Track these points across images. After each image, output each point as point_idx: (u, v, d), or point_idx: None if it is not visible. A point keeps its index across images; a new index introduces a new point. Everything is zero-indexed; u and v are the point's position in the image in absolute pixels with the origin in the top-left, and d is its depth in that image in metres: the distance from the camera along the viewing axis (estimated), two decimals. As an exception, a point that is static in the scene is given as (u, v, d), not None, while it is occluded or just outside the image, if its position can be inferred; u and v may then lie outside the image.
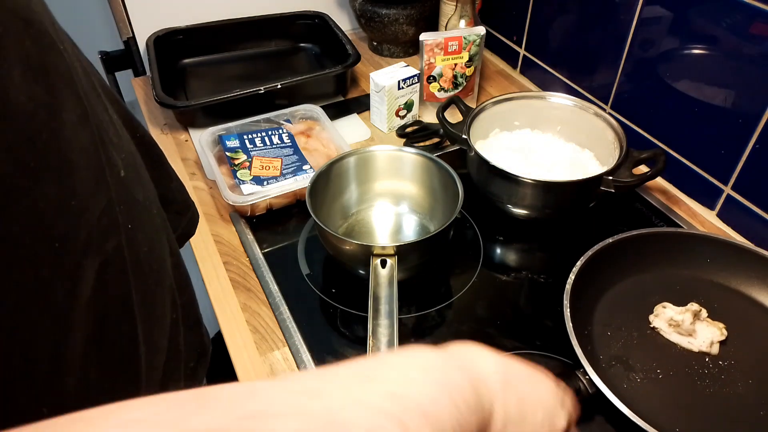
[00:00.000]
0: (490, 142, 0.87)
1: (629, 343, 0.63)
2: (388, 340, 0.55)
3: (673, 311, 0.64)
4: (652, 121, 0.87)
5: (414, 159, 0.77)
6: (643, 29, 0.83)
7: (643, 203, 0.84)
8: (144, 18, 1.09)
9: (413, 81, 0.94)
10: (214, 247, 0.77)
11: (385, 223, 0.79)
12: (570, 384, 0.55)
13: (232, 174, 0.83)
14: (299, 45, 1.20)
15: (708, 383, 0.59)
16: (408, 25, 1.12)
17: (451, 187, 0.71)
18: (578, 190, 0.73)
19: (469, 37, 0.92)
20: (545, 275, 0.73)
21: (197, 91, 1.07)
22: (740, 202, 0.77)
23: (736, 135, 0.74)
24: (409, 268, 0.67)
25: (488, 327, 0.67)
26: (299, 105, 0.96)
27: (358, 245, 0.65)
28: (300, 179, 0.82)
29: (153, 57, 1.02)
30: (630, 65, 0.87)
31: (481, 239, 0.79)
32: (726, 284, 0.69)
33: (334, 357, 0.64)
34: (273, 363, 0.64)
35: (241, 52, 1.16)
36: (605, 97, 0.94)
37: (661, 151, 0.75)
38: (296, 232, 0.80)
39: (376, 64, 1.18)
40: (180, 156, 0.94)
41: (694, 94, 0.78)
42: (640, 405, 0.56)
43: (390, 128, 0.98)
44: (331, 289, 0.71)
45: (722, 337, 0.63)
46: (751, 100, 0.71)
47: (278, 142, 0.89)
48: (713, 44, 0.74)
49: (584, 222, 0.81)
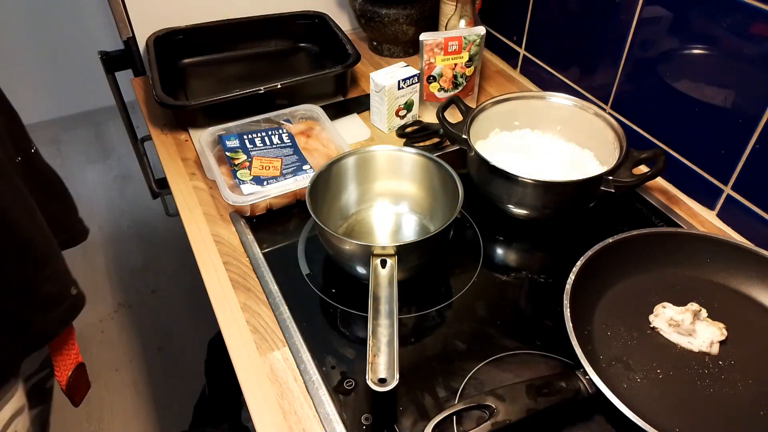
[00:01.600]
0: (490, 142, 0.87)
1: (629, 343, 0.63)
2: (388, 340, 0.55)
3: (673, 311, 0.64)
4: (652, 121, 0.87)
5: (414, 159, 0.77)
6: (643, 29, 0.83)
7: (643, 203, 0.84)
8: (144, 18, 1.09)
9: (413, 81, 0.94)
10: (214, 247, 0.77)
11: (385, 223, 0.79)
12: (570, 384, 0.55)
13: (232, 174, 0.83)
14: (299, 45, 1.20)
15: (708, 383, 0.59)
16: (408, 25, 1.12)
17: (451, 187, 0.71)
18: (578, 190, 0.73)
19: (469, 37, 0.92)
20: (545, 275, 0.73)
21: (197, 91, 1.07)
22: (740, 202, 0.77)
23: (736, 135, 0.74)
24: (409, 268, 0.67)
25: (488, 327, 0.67)
26: (299, 105, 0.96)
27: (358, 245, 0.65)
28: (300, 179, 0.82)
29: (153, 57, 1.02)
30: (630, 65, 0.87)
31: (481, 239, 0.79)
32: (726, 284, 0.69)
33: (334, 357, 0.64)
34: (273, 363, 0.64)
35: (241, 52, 1.16)
36: (605, 97, 0.94)
37: (661, 151, 0.75)
38: (296, 232, 0.80)
39: (376, 64, 1.18)
40: (180, 156, 0.94)
41: (694, 94, 0.78)
42: (640, 405, 0.56)
43: (390, 128, 0.98)
44: (331, 289, 0.71)
45: (722, 337, 0.63)
46: (751, 100, 0.71)
47: (278, 142, 0.89)
48: (713, 44, 0.74)
49: (584, 222, 0.81)
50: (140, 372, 1.60)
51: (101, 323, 1.74)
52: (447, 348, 0.65)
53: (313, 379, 0.61)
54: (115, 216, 2.10)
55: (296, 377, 0.62)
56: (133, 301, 1.81)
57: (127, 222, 2.08)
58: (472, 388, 0.60)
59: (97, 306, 1.78)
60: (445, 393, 0.60)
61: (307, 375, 0.62)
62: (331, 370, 0.62)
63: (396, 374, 0.52)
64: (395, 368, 0.52)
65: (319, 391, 0.60)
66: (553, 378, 0.56)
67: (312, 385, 0.61)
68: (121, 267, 1.92)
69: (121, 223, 2.08)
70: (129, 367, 1.62)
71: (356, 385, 0.61)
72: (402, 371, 0.60)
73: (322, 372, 0.62)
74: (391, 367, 0.52)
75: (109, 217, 2.11)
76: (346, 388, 0.60)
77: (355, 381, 0.61)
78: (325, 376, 0.62)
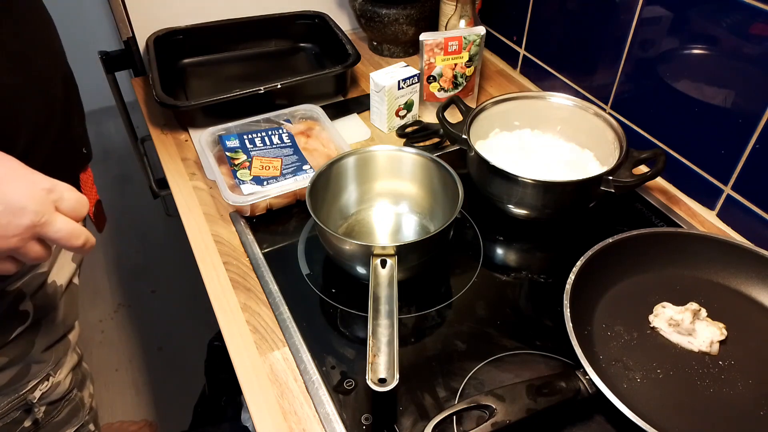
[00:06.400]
0: (490, 142, 0.87)
1: (629, 343, 0.63)
2: (388, 340, 0.55)
3: (672, 311, 0.64)
4: (652, 121, 0.87)
5: (414, 159, 0.77)
6: (643, 29, 0.83)
7: (643, 203, 0.84)
8: (144, 18, 1.09)
9: (413, 81, 0.94)
10: (214, 247, 0.78)
11: (385, 223, 0.79)
12: (570, 384, 0.55)
13: (232, 174, 0.83)
14: (299, 45, 1.20)
15: (708, 383, 0.59)
16: (408, 25, 1.12)
17: (451, 187, 0.71)
18: (578, 190, 0.73)
19: (469, 37, 0.92)
20: (545, 275, 0.73)
21: (197, 91, 1.07)
22: (740, 202, 0.77)
23: (736, 135, 0.74)
24: (409, 268, 0.67)
25: (488, 327, 0.67)
26: (299, 105, 0.96)
27: (358, 245, 0.65)
28: (300, 179, 0.82)
29: (153, 57, 1.02)
30: (630, 65, 0.87)
31: (481, 239, 0.79)
32: (726, 284, 0.69)
33: (334, 357, 0.64)
34: (273, 363, 0.64)
35: (241, 52, 1.16)
36: (605, 97, 0.94)
37: (661, 151, 0.75)
38: (296, 232, 0.80)
39: (376, 64, 1.18)
40: (180, 156, 0.94)
41: (694, 94, 0.78)
42: (640, 405, 0.56)
43: (390, 128, 0.98)
44: (331, 289, 0.71)
45: (722, 336, 0.63)
46: (751, 100, 0.71)
47: (278, 142, 0.89)
48: (713, 44, 0.74)
49: (584, 222, 0.81)
50: (140, 372, 1.60)
51: (101, 323, 1.74)
52: (447, 348, 0.65)
53: (313, 379, 0.61)
54: (115, 216, 2.10)
55: (296, 377, 0.62)
56: (133, 301, 1.81)
57: (127, 222, 2.08)
58: (472, 388, 0.60)
59: (97, 306, 1.78)
60: (445, 393, 0.60)
61: (307, 375, 0.62)
62: (331, 370, 0.62)
63: (396, 374, 0.52)
64: (395, 368, 0.52)
65: (319, 391, 0.60)
66: (553, 378, 0.56)
67: (312, 385, 0.61)
68: (121, 267, 1.93)
69: (121, 223, 2.08)
70: (129, 367, 1.62)
71: (356, 385, 0.61)
72: (402, 371, 0.60)
73: (322, 372, 0.62)
74: (391, 367, 0.52)
75: (109, 217, 2.10)
76: (346, 388, 0.60)
77: (355, 381, 0.61)
78: (325, 376, 0.62)
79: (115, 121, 2.52)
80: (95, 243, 0.51)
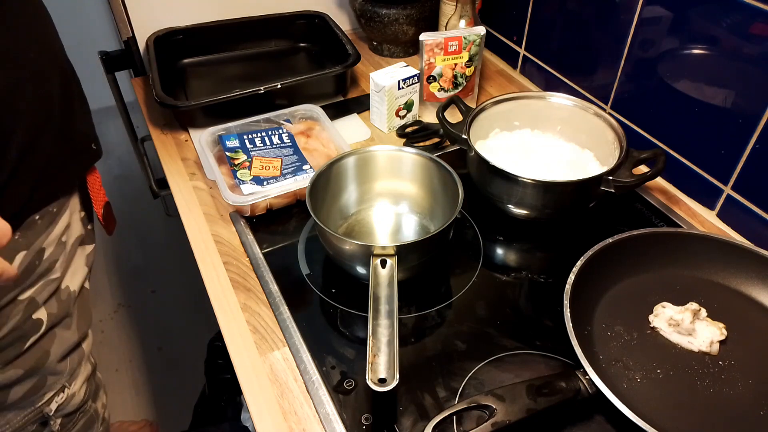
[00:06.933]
0: (490, 142, 0.87)
1: (629, 343, 0.63)
2: (388, 340, 0.55)
3: (672, 311, 0.64)
4: (652, 121, 0.87)
5: (414, 159, 0.77)
6: (643, 29, 0.83)
7: (643, 203, 0.84)
8: (144, 18, 1.09)
9: (413, 81, 0.94)
10: (214, 247, 0.78)
11: (385, 223, 0.79)
12: (570, 384, 0.55)
13: (232, 174, 0.83)
14: (299, 45, 1.20)
15: (708, 383, 0.59)
16: (408, 25, 1.12)
17: (451, 187, 0.71)
18: (578, 190, 0.73)
19: (469, 37, 0.92)
20: (545, 275, 0.73)
21: (197, 91, 1.07)
22: (740, 202, 0.77)
23: (736, 135, 0.74)
24: (409, 268, 0.67)
25: (488, 327, 0.67)
26: (299, 105, 0.96)
27: (358, 245, 0.65)
28: (300, 179, 0.82)
29: (153, 57, 1.02)
30: (630, 65, 0.87)
31: (481, 239, 0.79)
32: (726, 284, 0.69)
33: (334, 357, 0.64)
34: (273, 363, 0.64)
35: (241, 52, 1.16)
36: (605, 97, 0.94)
37: (661, 151, 0.75)
38: (296, 232, 0.80)
39: (376, 64, 1.18)
40: (180, 156, 0.94)
41: (694, 94, 0.78)
42: (640, 405, 0.56)
43: (390, 128, 0.98)
44: (331, 289, 0.71)
45: (722, 336, 0.63)
46: (751, 100, 0.71)
47: (278, 142, 0.89)
48: (713, 44, 0.74)
49: (584, 222, 0.81)
50: (140, 372, 1.60)
51: (101, 323, 1.74)
52: (447, 348, 0.65)
53: (313, 379, 0.61)
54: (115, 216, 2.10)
55: (296, 377, 0.62)
56: (133, 301, 1.81)
57: (127, 222, 2.08)
58: (472, 388, 0.60)
59: (97, 306, 1.78)
60: (445, 393, 0.60)
61: (307, 375, 0.62)
62: (331, 370, 0.62)
63: (396, 374, 0.52)
64: (395, 368, 0.52)
65: (319, 391, 0.60)
66: (553, 378, 0.56)
67: (312, 385, 0.61)
68: (121, 267, 1.93)
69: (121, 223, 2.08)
70: (129, 367, 1.62)
71: (356, 385, 0.61)
72: (402, 371, 0.60)
73: (322, 372, 0.62)
74: (391, 367, 0.52)
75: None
76: (346, 388, 0.60)
77: (355, 381, 0.61)
78: (325, 376, 0.62)
79: (115, 121, 2.51)
80: (15, 274, 0.46)
